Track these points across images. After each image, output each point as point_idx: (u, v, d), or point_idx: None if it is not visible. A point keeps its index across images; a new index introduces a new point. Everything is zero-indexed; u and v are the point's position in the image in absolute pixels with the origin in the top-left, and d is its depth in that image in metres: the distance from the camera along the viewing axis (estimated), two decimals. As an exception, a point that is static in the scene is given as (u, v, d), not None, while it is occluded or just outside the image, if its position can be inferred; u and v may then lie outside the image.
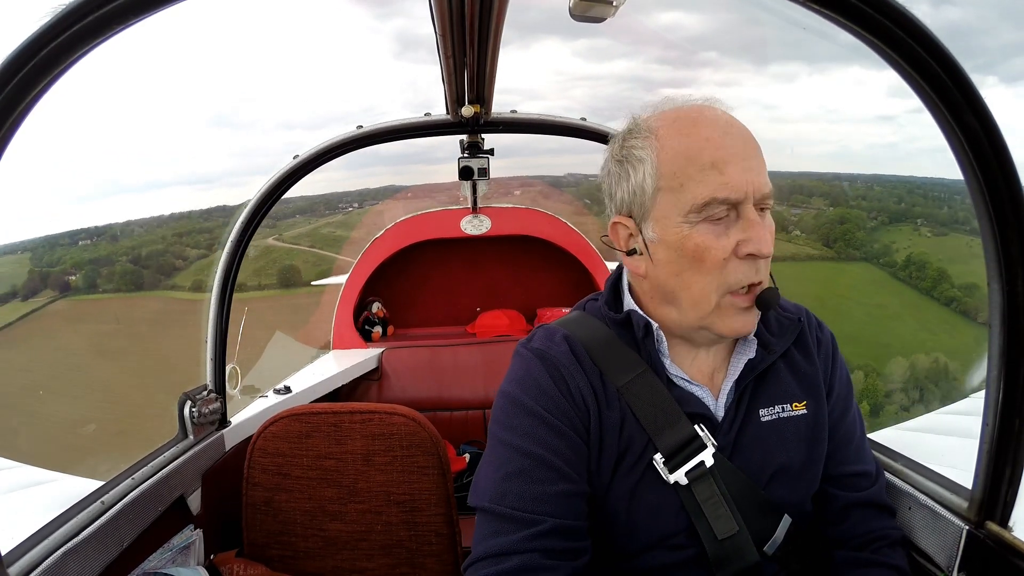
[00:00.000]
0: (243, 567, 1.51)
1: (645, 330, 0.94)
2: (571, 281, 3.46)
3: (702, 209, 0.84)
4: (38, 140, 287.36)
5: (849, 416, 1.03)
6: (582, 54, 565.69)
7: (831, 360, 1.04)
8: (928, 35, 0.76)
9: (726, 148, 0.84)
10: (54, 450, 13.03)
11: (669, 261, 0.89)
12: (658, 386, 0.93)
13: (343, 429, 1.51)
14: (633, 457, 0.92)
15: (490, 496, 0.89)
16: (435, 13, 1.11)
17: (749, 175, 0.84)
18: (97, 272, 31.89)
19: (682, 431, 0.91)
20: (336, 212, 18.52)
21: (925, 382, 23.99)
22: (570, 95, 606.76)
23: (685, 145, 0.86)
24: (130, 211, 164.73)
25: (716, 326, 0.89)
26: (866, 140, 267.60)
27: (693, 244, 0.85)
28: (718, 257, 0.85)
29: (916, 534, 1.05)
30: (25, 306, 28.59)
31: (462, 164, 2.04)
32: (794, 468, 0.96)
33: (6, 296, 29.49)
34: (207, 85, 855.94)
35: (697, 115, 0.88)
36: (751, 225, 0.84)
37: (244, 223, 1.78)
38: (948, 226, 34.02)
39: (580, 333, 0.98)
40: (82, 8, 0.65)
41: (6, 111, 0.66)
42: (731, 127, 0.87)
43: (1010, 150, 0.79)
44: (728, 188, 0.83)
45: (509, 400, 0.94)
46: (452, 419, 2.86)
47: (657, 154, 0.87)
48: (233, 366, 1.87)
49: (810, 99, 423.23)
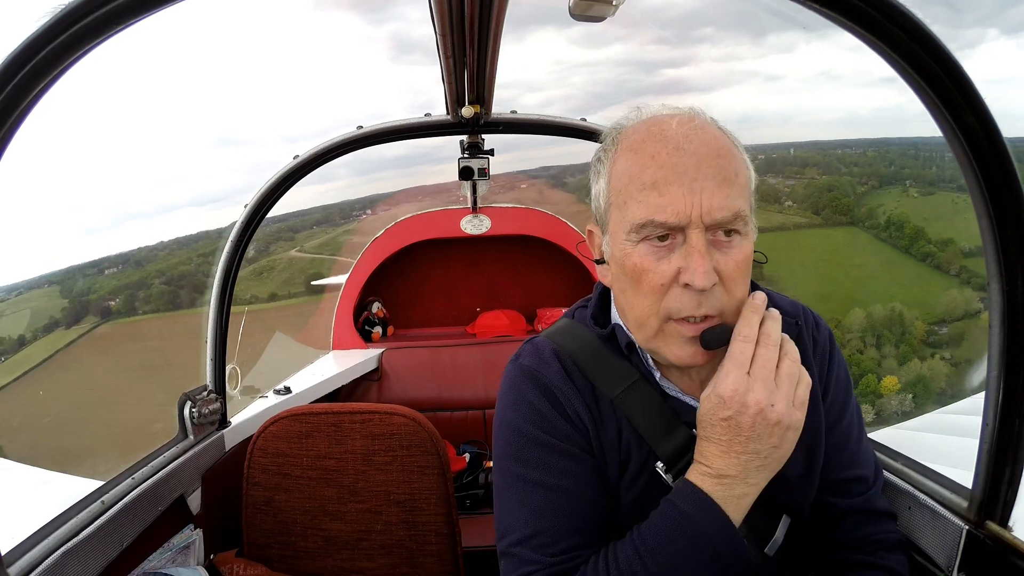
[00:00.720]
0: (243, 567, 1.51)
1: (628, 348, 0.93)
2: (571, 281, 3.46)
3: (639, 230, 0.81)
4: (46, 175, 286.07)
5: (846, 419, 1.01)
6: (578, 41, 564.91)
7: (827, 360, 1.02)
8: (928, 35, 0.76)
9: (671, 167, 0.79)
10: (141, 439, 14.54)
11: (617, 277, 0.88)
12: (652, 395, 0.92)
13: (343, 429, 1.51)
14: (636, 467, 0.91)
15: (521, 536, 0.87)
16: (435, 13, 1.11)
17: (694, 196, 0.77)
18: (135, 296, 34.45)
19: (680, 437, 0.90)
20: (351, 220, 19.24)
21: (880, 328, 26.44)
22: (569, 83, 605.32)
23: (631, 162, 0.83)
24: (144, 237, 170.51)
25: (661, 351, 0.86)
26: (872, 104, 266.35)
27: (631, 264, 0.83)
28: (655, 282, 0.81)
29: (916, 534, 1.05)
30: (71, 333, 30.94)
31: (462, 164, 2.04)
32: (793, 476, 0.94)
33: (49, 326, 31.73)
34: (207, 106, 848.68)
35: (656, 130, 0.83)
36: (689, 253, 0.78)
37: (243, 224, 1.78)
38: (935, 185, 35.15)
39: (569, 346, 0.96)
40: (82, 8, 0.65)
41: (6, 111, 0.66)
42: (686, 143, 0.80)
43: (1010, 151, 0.79)
44: (666, 212, 0.78)
45: (514, 431, 0.92)
46: (452, 419, 2.86)
47: (610, 168, 0.86)
48: (233, 366, 1.87)
49: (811, 67, 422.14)
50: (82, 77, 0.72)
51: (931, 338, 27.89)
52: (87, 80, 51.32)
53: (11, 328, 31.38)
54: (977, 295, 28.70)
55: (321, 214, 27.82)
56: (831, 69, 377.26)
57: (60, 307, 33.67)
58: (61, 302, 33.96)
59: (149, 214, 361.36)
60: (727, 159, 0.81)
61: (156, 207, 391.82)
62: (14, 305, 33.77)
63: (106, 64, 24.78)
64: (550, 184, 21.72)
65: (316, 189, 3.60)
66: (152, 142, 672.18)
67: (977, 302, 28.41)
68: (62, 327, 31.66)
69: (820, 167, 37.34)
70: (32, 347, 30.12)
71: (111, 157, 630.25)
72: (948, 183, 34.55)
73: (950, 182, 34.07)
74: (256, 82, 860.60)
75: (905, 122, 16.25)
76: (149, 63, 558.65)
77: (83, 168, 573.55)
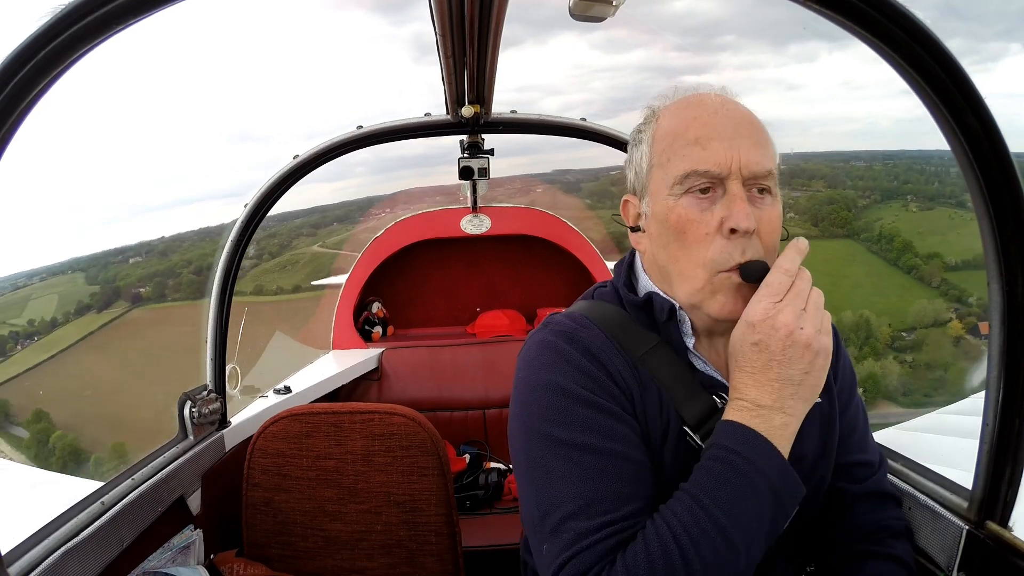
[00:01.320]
0: (243, 567, 1.51)
1: (669, 313, 0.92)
2: (571, 281, 3.46)
3: (683, 181, 0.85)
4: (63, 165, 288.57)
5: (852, 407, 1.04)
6: (599, 46, 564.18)
7: (836, 351, 1.01)
8: (928, 35, 0.76)
9: (712, 126, 0.86)
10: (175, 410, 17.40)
11: (659, 234, 0.90)
12: (675, 358, 0.91)
13: (343, 429, 1.51)
14: (675, 436, 0.89)
15: (574, 509, 0.81)
16: (435, 13, 1.11)
17: (734, 152, 0.84)
18: (165, 284, 35.95)
19: (702, 402, 0.89)
20: (370, 218, 19.91)
21: (848, 332, 27.85)
22: (590, 87, 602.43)
23: (674, 124, 0.89)
24: (162, 228, 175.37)
25: (706, 305, 0.87)
26: (892, 115, 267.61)
27: (676, 216, 0.86)
28: (700, 231, 0.85)
29: (916, 534, 1.05)
30: (103, 316, 32.99)
31: (462, 164, 2.04)
32: (809, 459, 0.94)
33: (80, 310, 33.42)
34: (227, 102, 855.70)
35: (695, 99, 0.91)
36: (732, 200, 0.83)
37: (243, 224, 1.78)
38: (935, 200, 36.57)
39: (597, 316, 0.95)
40: (82, 8, 0.65)
41: (6, 111, 0.66)
42: (724, 108, 0.88)
43: (1010, 150, 0.79)
44: (708, 161, 0.84)
45: (554, 391, 0.86)
46: (452, 419, 2.86)
47: (652, 133, 0.91)
48: (233, 366, 1.87)
49: (832, 77, 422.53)
50: (100, 69, 0.71)
51: (896, 343, 29.96)
52: (105, 72, 50.80)
53: (41, 311, 32.62)
54: (950, 306, 30.58)
55: (341, 211, 28.59)
56: (852, 79, 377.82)
57: (88, 293, 35.07)
58: (88, 288, 35.31)
59: (166, 206, 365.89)
60: (759, 127, 0.89)
61: (173, 199, 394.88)
62: (40, 290, 35.00)
63: (124, 57, 25.15)
64: (564, 190, 21.88)
65: (334, 186, 3.56)
66: (171, 136, 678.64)
67: (948, 312, 30.45)
68: (93, 311, 33.30)
69: (827, 179, 38.39)
70: (65, 328, 31.57)
71: (129, 150, 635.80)
72: (948, 199, 35.70)
73: (950, 198, 35.23)
74: (276, 79, 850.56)
75: (922, 135, 16.59)
76: (168, 58, 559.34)
77: (100, 160, 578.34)
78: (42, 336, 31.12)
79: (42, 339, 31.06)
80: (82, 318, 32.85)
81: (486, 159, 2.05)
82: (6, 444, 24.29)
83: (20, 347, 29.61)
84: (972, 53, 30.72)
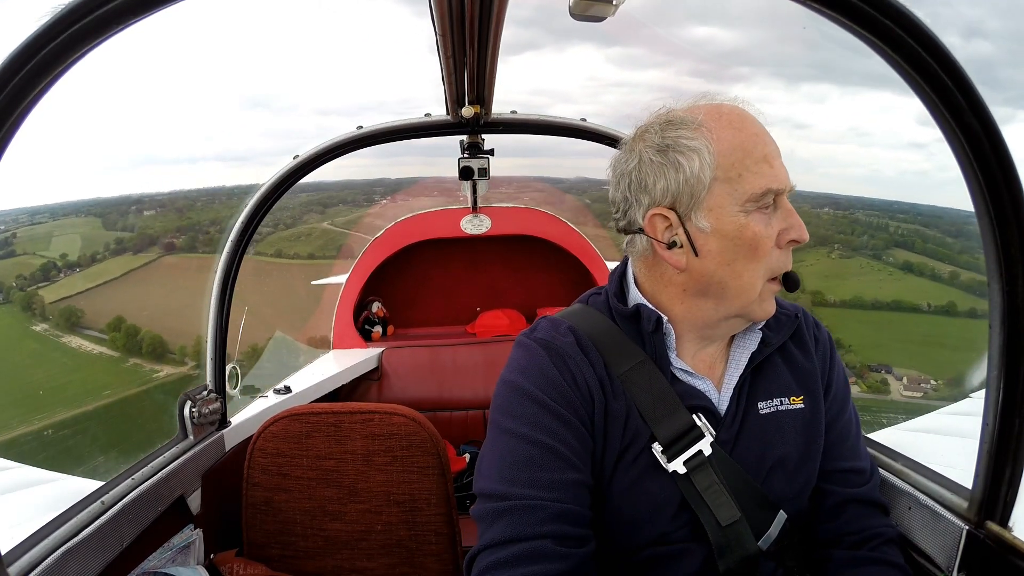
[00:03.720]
0: (243, 567, 1.51)
1: (655, 324, 0.95)
2: (571, 281, 3.46)
3: (760, 199, 0.87)
4: (68, 109, 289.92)
5: (845, 415, 1.05)
6: (616, 61, 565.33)
7: (829, 359, 1.06)
8: (928, 35, 0.76)
9: (770, 145, 0.90)
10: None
11: (722, 251, 0.89)
12: (657, 376, 0.94)
13: (343, 429, 1.51)
14: (636, 450, 0.92)
15: (496, 483, 0.88)
16: (435, 13, 1.11)
17: (785, 170, 0.90)
18: (196, 237, 39.74)
19: (680, 420, 0.91)
20: (374, 203, 21.49)
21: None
22: (601, 100, 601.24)
23: (740, 139, 0.89)
24: (161, 183, 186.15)
25: (754, 311, 0.93)
26: (898, 166, 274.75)
27: (751, 233, 0.88)
28: (768, 245, 0.89)
29: (916, 534, 1.05)
30: (140, 258, 37.27)
31: (462, 164, 2.04)
32: (791, 461, 0.96)
33: (118, 250, 37.90)
34: (247, 69, 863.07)
35: (742, 112, 0.92)
36: (790, 214, 0.90)
37: (244, 224, 1.78)
38: (858, 250, 38.50)
39: (584, 325, 0.98)
40: (82, 8, 0.65)
41: (6, 111, 0.66)
42: (763, 125, 0.92)
43: (1011, 151, 0.79)
44: (778, 180, 0.88)
45: (512, 388, 0.93)
46: (452, 419, 2.86)
47: (715, 145, 0.88)
48: (233, 366, 1.87)
49: (840, 121, 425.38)
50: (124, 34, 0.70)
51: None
52: (125, 32, 51.77)
53: (69, 248, 35.68)
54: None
55: (347, 193, 31.49)
56: (859, 125, 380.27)
57: (114, 237, 38.72)
58: (109, 233, 38.72)
59: (169, 160, 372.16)
60: None
61: (178, 156, 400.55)
62: (60, 228, 38.03)
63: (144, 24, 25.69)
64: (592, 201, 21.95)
65: (337, 163, 3.66)
66: (183, 94, 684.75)
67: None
68: (129, 252, 37.42)
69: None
70: (104, 264, 35.32)
71: (139, 100, 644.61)
72: (868, 250, 37.78)
73: (870, 249, 37.47)
74: (297, 52, 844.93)
75: (928, 188, 15.89)
76: (195, 24, 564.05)
77: (105, 107, 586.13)
78: (84, 268, 34.75)
79: (84, 270, 34.63)
80: (120, 257, 36.99)
81: (486, 159, 2.05)
82: (89, 342, 27.89)
83: (63, 275, 33.02)
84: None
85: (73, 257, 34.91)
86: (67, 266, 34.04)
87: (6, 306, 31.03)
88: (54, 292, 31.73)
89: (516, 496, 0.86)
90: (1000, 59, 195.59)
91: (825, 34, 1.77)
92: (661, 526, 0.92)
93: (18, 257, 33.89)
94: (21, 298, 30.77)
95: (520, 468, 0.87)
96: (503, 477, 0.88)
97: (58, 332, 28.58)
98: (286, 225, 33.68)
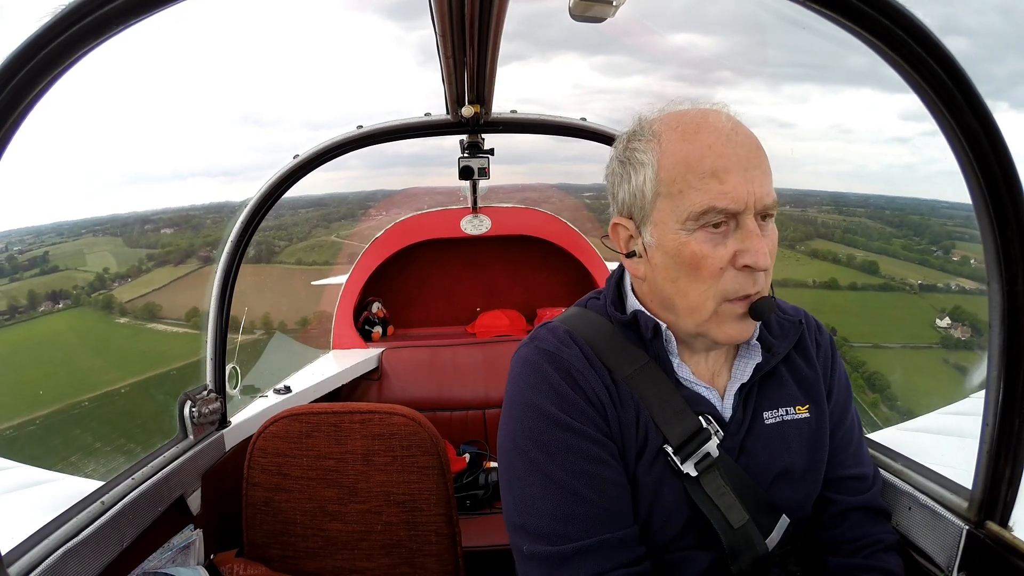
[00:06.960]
0: (243, 567, 1.51)
1: (654, 331, 0.93)
2: (571, 281, 3.46)
3: (699, 217, 0.82)
4: (68, 129, 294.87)
5: (848, 419, 1.03)
6: (600, 69, 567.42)
7: (831, 363, 1.04)
8: (928, 35, 0.76)
9: (727, 156, 0.82)
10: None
11: (666, 267, 0.87)
12: (662, 378, 0.92)
13: (343, 429, 1.51)
14: (652, 453, 0.90)
15: (552, 522, 0.85)
16: (435, 13, 1.11)
17: (750, 185, 0.81)
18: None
19: (689, 422, 0.90)
20: (370, 218, 23.44)
21: None
22: (588, 108, 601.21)
23: (686, 152, 0.84)
24: (154, 200, 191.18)
25: (712, 333, 0.88)
26: (883, 160, 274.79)
27: (690, 252, 0.83)
28: (714, 267, 0.83)
29: (916, 534, 1.05)
30: (182, 268, 39.40)
31: (462, 164, 2.04)
32: (797, 471, 0.95)
33: (160, 263, 40.63)
34: (235, 84, 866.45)
35: (701, 120, 0.86)
36: (748, 236, 0.82)
37: (244, 224, 1.78)
38: (800, 242, 38.32)
39: (584, 330, 0.96)
40: (82, 8, 0.65)
41: (6, 111, 0.65)
42: (735, 134, 0.84)
43: (1011, 151, 0.79)
44: (727, 198, 0.81)
45: (535, 413, 0.89)
46: (452, 419, 2.86)
47: (658, 159, 0.85)
48: (233, 366, 1.87)
49: (824, 119, 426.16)
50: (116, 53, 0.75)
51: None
52: (116, 50, 51.69)
53: (107, 263, 38.91)
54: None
55: (345, 208, 33.90)
56: (842, 122, 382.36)
57: (144, 253, 41.44)
58: (133, 250, 41.65)
59: (162, 179, 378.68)
60: (764, 152, 0.86)
61: (170, 173, 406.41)
62: (88, 246, 40.97)
63: (132, 34, 25.86)
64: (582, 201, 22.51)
65: (328, 176, 3.58)
66: (174, 111, 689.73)
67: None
68: (170, 264, 40.01)
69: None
70: (150, 274, 38.34)
71: (131, 119, 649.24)
72: (786, 242, 38.66)
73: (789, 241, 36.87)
74: (287, 68, 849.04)
75: (915, 182, 15.75)
76: (185, 40, 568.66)
77: (102, 127, 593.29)
78: (133, 278, 37.95)
79: (134, 279, 37.75)
80: (162, 268, 39.72)
81: (486, 159, 2.05)
82: (171, 326, 30.42)
83: (117, 284, 36.97)
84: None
85: (118, 270, 38.64)
86: (117, 277, 37.95)
87: (78, 309, 34.24)
88: (120, 296, 35.35)
89: (576, 536, 0.85)
90: (976, 54, 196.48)
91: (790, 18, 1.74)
92: (676, 528, 0.91)
93: (61, 272, 36.88)
94: (97, 300, 34.44)
95: (570, 503, 0.85)
96: (556, 515, 0.85)
97: (142, 321, 32.16)
98: (299, 239, 37.04)
